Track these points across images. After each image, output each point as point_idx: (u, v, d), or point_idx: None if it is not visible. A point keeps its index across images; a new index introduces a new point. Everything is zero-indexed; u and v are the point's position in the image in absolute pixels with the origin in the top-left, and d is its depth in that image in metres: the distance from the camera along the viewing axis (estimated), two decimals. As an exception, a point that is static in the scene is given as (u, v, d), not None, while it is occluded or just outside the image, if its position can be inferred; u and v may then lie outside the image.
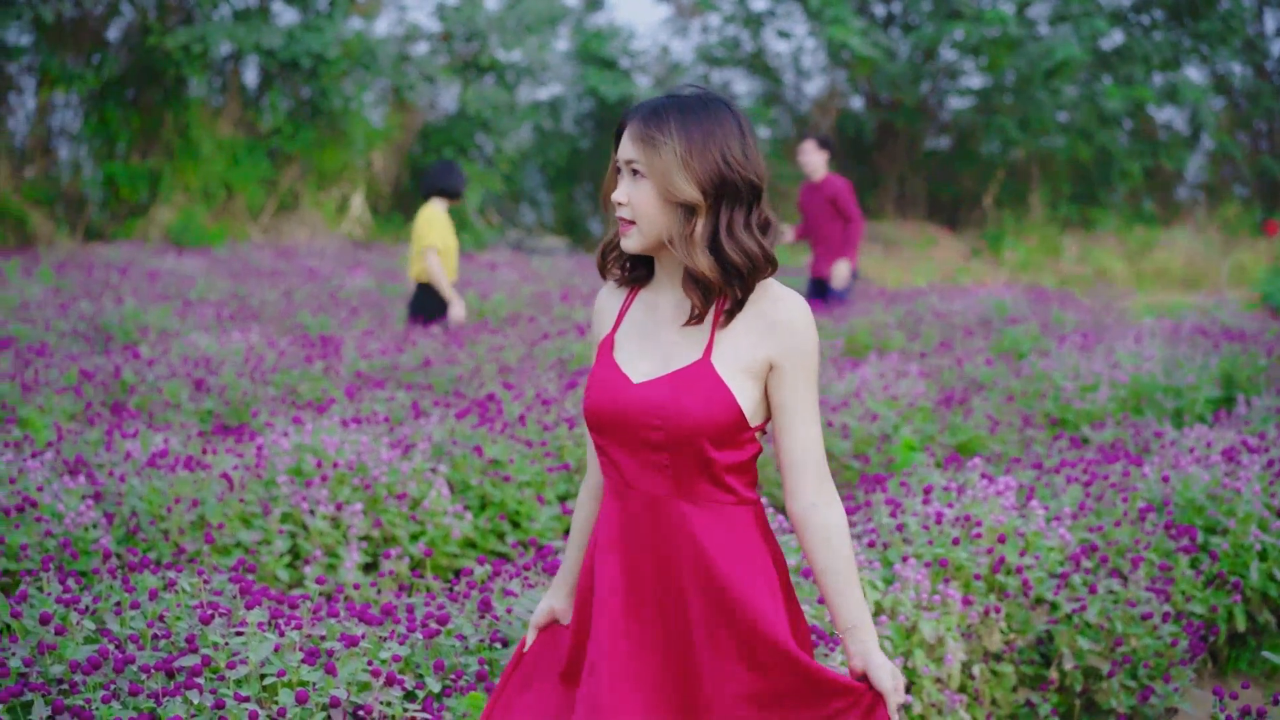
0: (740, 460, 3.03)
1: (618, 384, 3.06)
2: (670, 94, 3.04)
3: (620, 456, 3.07)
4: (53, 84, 23.71)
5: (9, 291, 13.40)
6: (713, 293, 2.98)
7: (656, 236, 3.01)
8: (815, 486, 3.04)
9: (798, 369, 3.00)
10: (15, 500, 5.50)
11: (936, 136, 29.10)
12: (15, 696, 3.54)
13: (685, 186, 2.94)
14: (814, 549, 3.04)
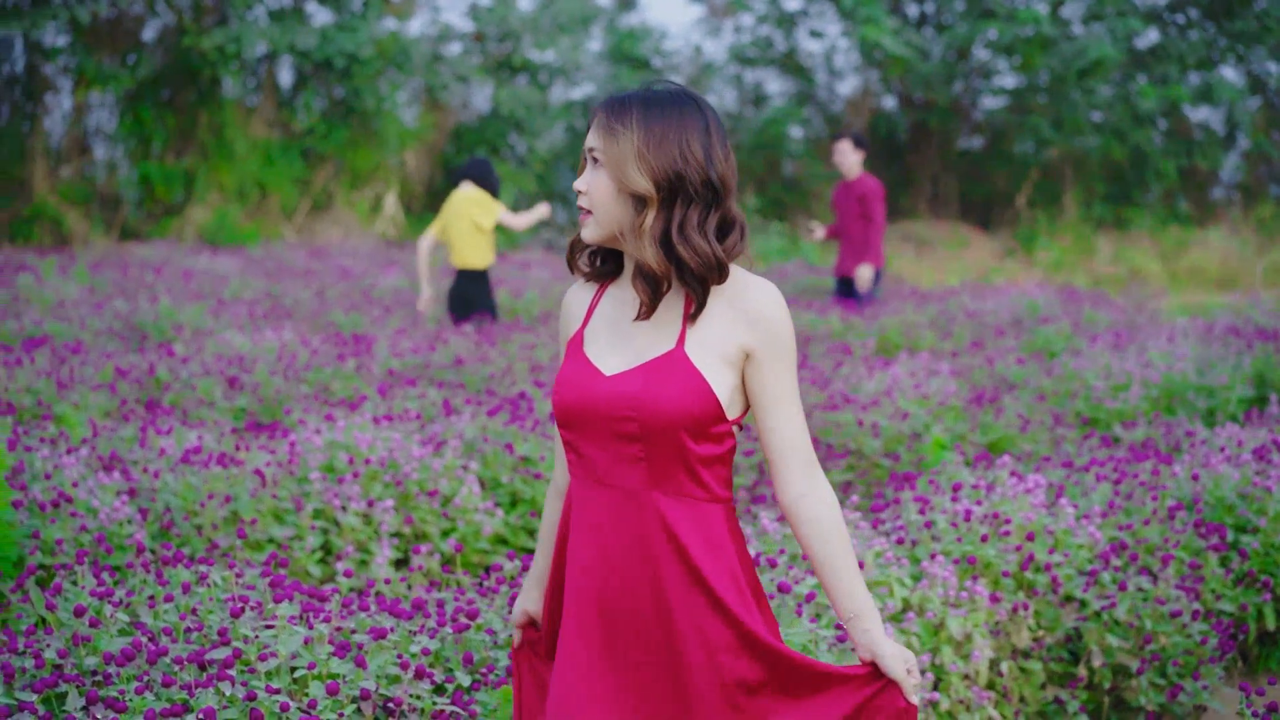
0: (716, 454, 2.99)
1: (589, 377, 3.02)
2: (645, 87, 3.03)
3: (592, 451, 3.03)
4: (89, 84, 23.86)
5: (45, 290, 13.50)
6: (661, 288, 2.95)
7: (611, 227, 2.98)
8: (802, 476, 3.00)
9: (774, 357, 2.97)
10: (51, 495, 5.56)
11: (969, 136, 29.03)
12: (50, 687, 3.58)
13: (638, 178, 2.91)
14: (807, 540, 3.01)
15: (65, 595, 4.25)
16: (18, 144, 23.68)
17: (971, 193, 28.34)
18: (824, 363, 9.79)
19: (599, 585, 3.03)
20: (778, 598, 4.27)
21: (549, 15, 26.78)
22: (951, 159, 28.28)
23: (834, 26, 27.64)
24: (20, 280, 14.02)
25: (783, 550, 4.77)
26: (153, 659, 3.68)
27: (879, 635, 2.99)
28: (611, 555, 3.02)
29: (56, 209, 23.10)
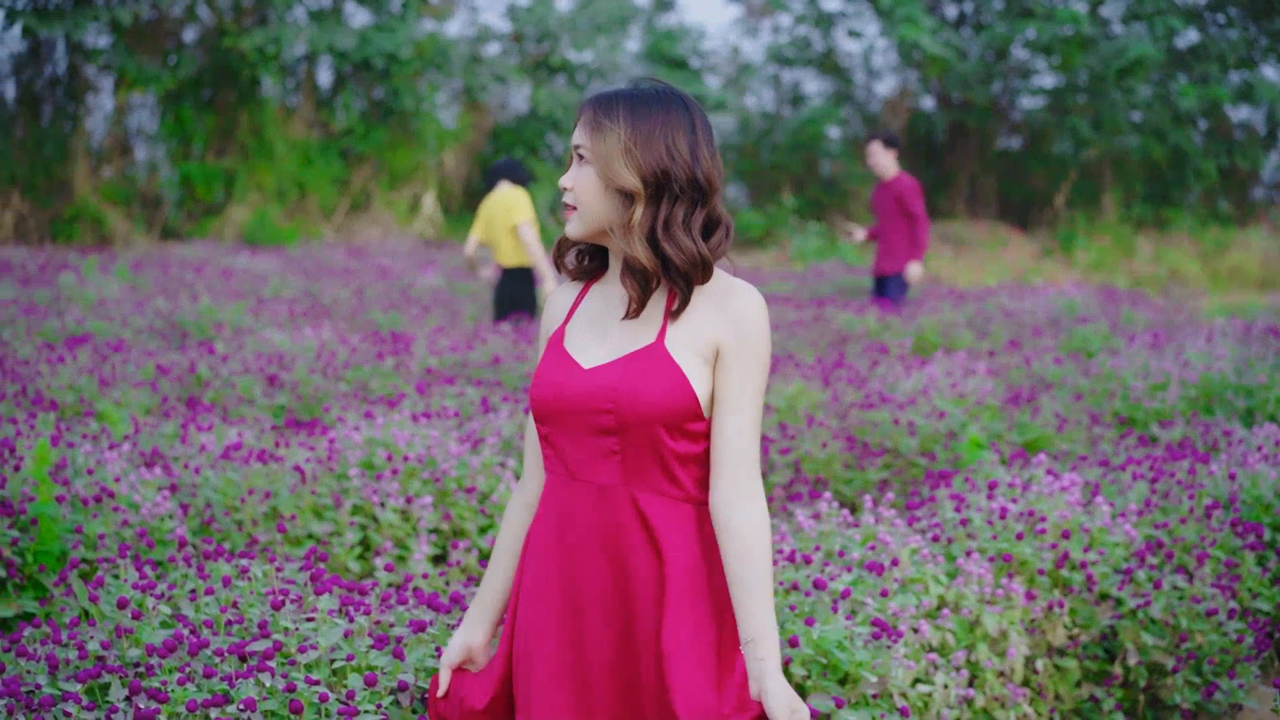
0: (692, 453, 2.98)
1: (567, 370, 3.03)
2: (632, 84, 3.03)
3: (567, 445, 3.03)
4: (130, 85, 24.02)
5: (87, 289, 13.61)
6: (650, 284, 2.96)
7: (597, 223, 3.00)
8: (733, 483, 2.95)
9: (740, 359, 2.95)
10: (93, 491, 5.61)
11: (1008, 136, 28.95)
12: (94, 678, 3.62)
13: (625, 174, 2.93)
14: (725, 549, 2.96)
15: (107, 588, 4.30)
16: (60, 144, 23.86)
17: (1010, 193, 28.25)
18: (861, 362, 9.80)
19: (564, 580, 3.04)
20: (814, 594, 4.29)
21: (587, 16, 26.83)
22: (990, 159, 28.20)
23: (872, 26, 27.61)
24: (62, 279, 14.13)
25: (817, 547, 4.78)
26: (194, 651, 3.73)
27: (771, 669, 2.89)
28: (578, 550, 3.03)
29: (98, 209, 23.27)
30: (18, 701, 3.44)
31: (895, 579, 4.64)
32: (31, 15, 21.90)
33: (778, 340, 11.20)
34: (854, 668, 4.09)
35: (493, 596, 3.30)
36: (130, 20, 22.10)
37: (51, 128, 24.08)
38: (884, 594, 4.44)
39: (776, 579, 4.37)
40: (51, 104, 24.52)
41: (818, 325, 11.95)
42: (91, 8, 22.04)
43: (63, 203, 23.37)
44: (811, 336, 11.45)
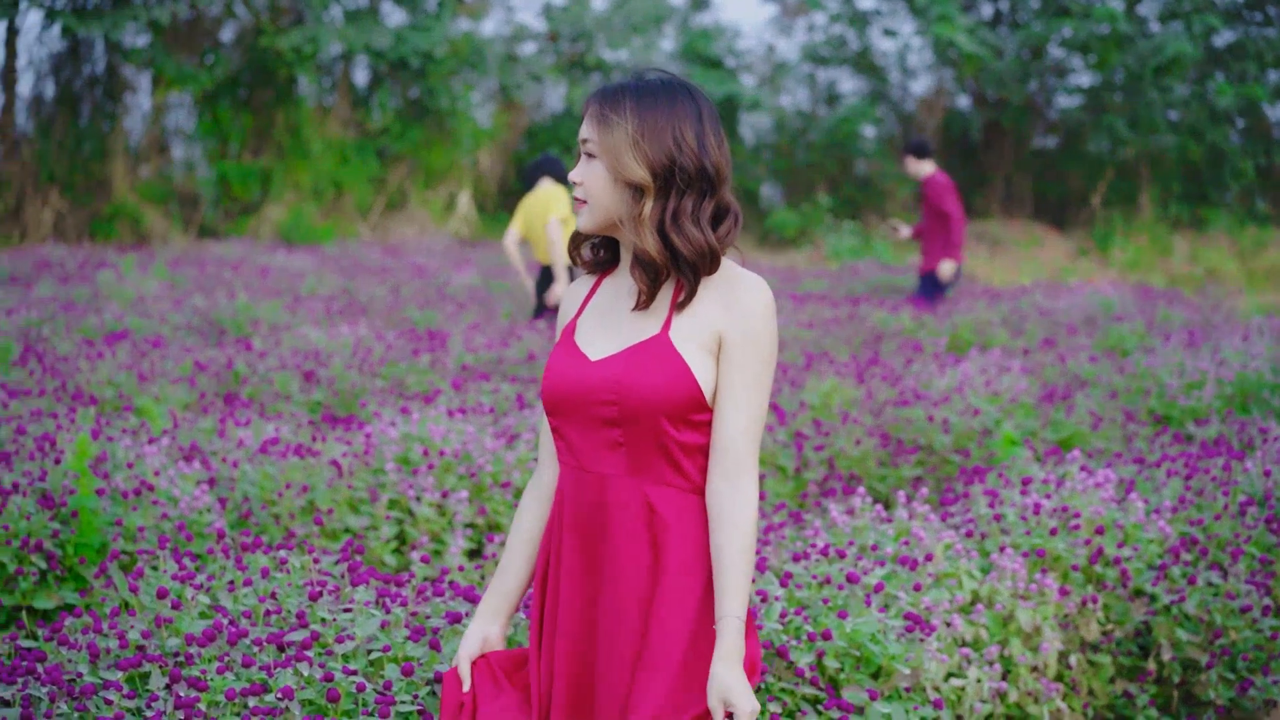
0: (698, 443, 2.99)
1: (575, 363, 3.04)
2: (636, 76, 3.03)
3: (576, 437, 3.05)
4: (168, 85, 24.15)
5: (126, 286, 13.70)
6: (660, 276, 2.96)
7: (606, 217, 3.01)
8: (726, 474, 2.96)
9: (742, 350, 2.95)
10: (133, 484, 5.67)
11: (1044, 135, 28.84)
12: (134, 667, 3.66)
13: (634, 166, 2.93)
14: (711, 535, 2.96)
15: (147, 579, 4.35)
16: (98, 143, 24.01)
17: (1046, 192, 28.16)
18: (895, 360, 9.80)
19: (576, 571, 3.06)
20: (847, 588, 4.30)
21: (622, 15, 26.85)
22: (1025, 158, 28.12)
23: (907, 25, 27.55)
24: (101, 277, 14.24)
25: (851, 542, 4.80)
26: (233, 640, 3.77)
27: (724, 653, 2.88)
28: (587, 540, 3.04)
29: (136, 207, 23.40)
30: (60, 689, 3.48)
31: (929, 574, 4.66)
32: (71, 15, 22.03)
33: (812, 338, 11.20)
34: (887, 661, 4.11)
35: (508, 588, 3.29)
36: (168, 20, 22.21)
37: (90, 127, 24.23)
38: (917, 588, 4.45)
39: (810, 572, 4.39)
40: (90, 103, 24.66)
41: (852, 323, 11.95)
42: (130, 7, 22.16)
43: (101, 201, 23.51)
44: (846, 334, 11.45)
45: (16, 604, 5.19)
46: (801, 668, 3.94)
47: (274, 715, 3.48)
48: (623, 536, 3.00)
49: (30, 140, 23.68)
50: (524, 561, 3.27)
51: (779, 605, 4.12)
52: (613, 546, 3.01)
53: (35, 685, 3.51)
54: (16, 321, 10.97)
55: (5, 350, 9.51)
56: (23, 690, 3.49)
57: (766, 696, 3.95)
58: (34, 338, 10.32)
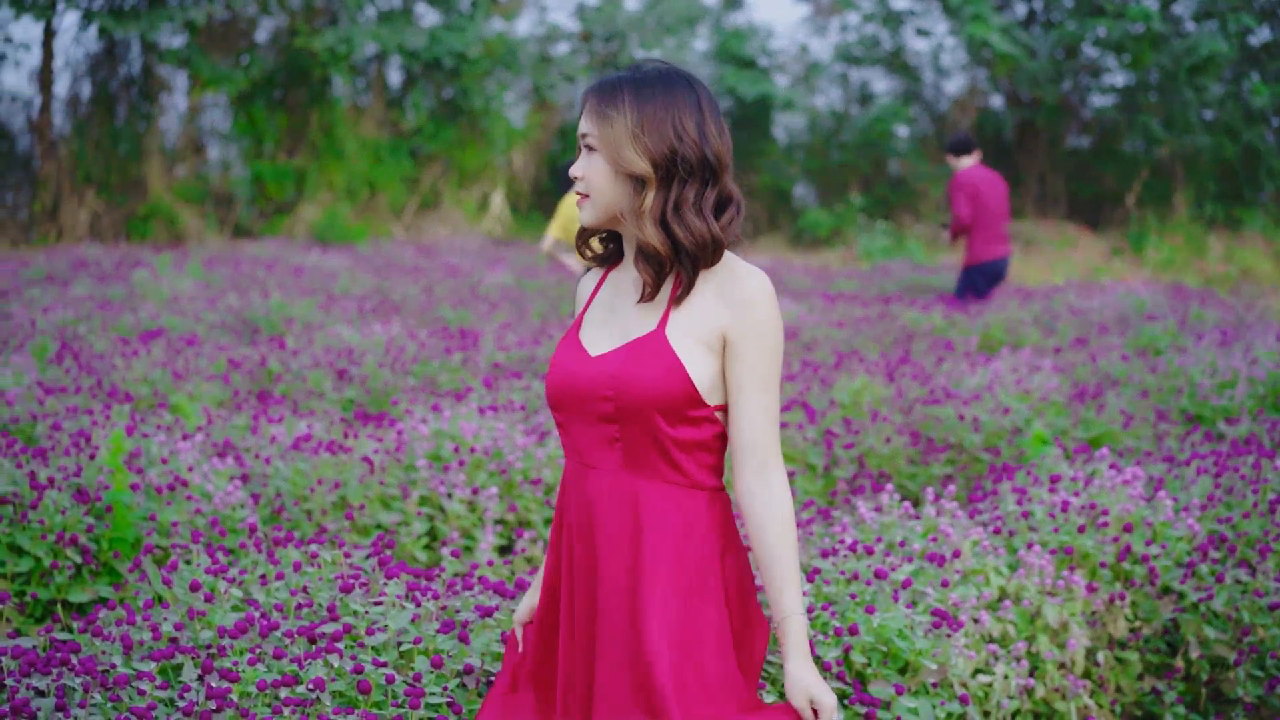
0: (696, 439, 2.97)
1: (576, 359, 3.04)
2: (633, 68, 3.02)
3: (577, 433, 3.05)
4: (203, 85, 24.27)
5: (161, 285, 13.79)
6: (664, 269, 2.96)
7: (609, 210, 3.00)
8: (756, 471, 2.96)
9: (751, 344, 2.93)
10: (167, 480, 5.72)
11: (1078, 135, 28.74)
12: (167, 658, 3.71)
13: (635, 159, 2.92)
14: (750, 537, 2.99)
15: (180, 573, 4.40)
16: (134, 144, 24.14)
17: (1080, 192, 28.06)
18: (926, 358, 9.81)
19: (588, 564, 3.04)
20: (874, 584, 4.32)
21: (655, 15, 26.87)
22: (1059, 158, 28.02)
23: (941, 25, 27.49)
24: (136, 276, 14.33)
25: (879, 538, 4.82)
26: (265, 632, 3.81)
27: (792, 652, 2.93)
28: (592, 538, 3.03)
29: (172, 207, 23.53)
30: (94, 680, 3.53)
31: (956, 570, 4.67)
32: (107, 16, 22.16)
33: (843, 337, 11.21)
34: (914, 656, 4.12)
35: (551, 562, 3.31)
36: (204, 20, 22.33)
37: (126, 127, 24.37)
38: (945, 584, 4.46)
39: (838, 569, 4.41)
40: (126, 104, 24.80)
41: (883, 322, 11.95)
42: (166, 8, 22.29)
43: (137, 201, 23.65)
44: (877, 333, 11.46)
45: (52, 598, 5.25)
46: (828, 662, 3.96)
47: (305, 706, 3.52)
48: (616, 531, 2.99)
49: (67, 140, 23.84)
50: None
51: (806, 600, 4.14)
52: (607, 541, 3.00)
53: (69, 676, 3.56)
54: (53, 320, 11.06)
55: (42, 348, 9.60)
56: (57, 681, 3.54)
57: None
58: (70, 336, 10.41)
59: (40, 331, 10.46)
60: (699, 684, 2.93)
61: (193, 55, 23.35)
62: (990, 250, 12.78)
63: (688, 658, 2.94)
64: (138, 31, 22.10)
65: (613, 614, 2.97)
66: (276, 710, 3.49)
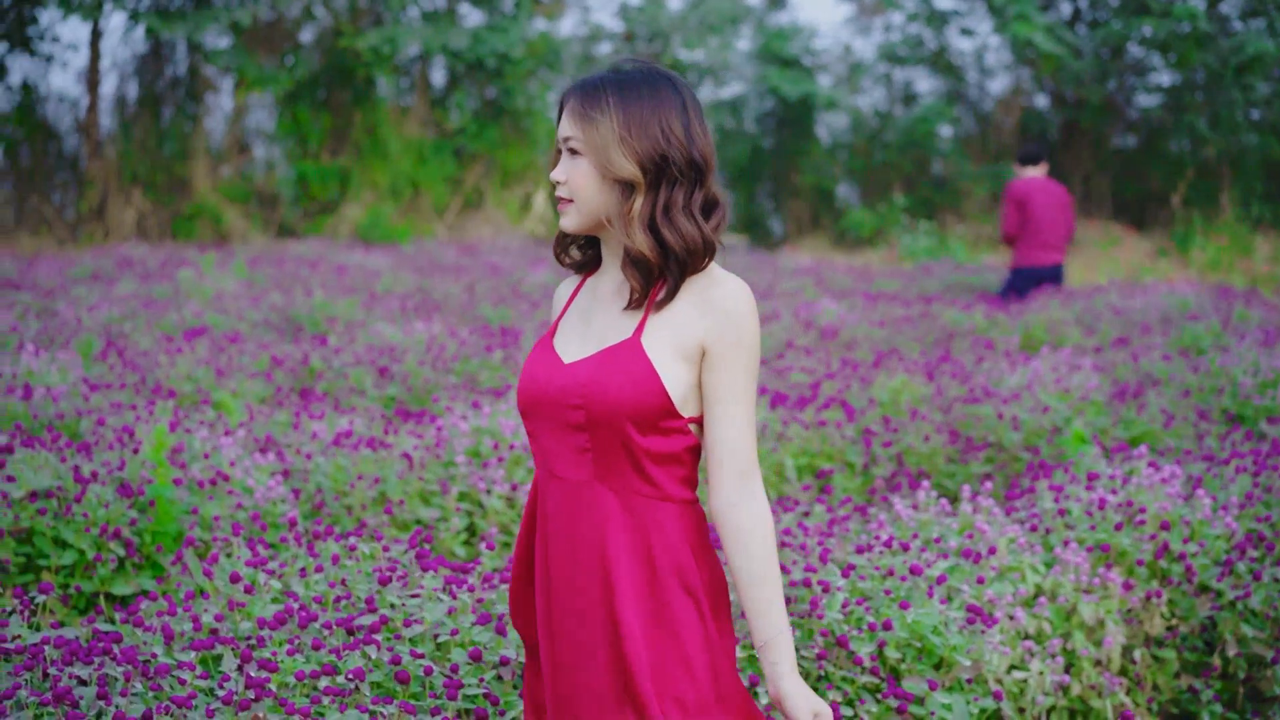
0: (668, 451, 2.88)
1: (548, 366, 2.96)
2: (613, 69, 2.94)
3: (547, 441, 2.96)
4: (248, 85, 24.42)
5: (205, 284, 13.89)
6: (653, 274, 2.88)
7: (594, 215, 2.92)
8: (735, 484, 2.86)
9: (729, 356, 2.85)
10: (209, 474, 5.78)
11: (1123, 135, 28.60)
12: (207, 649, 3.76)
13: (623, 163, 2.84)
14: (730, 552, 2.88)
15: (221, 565, 4.45)
16: (180, 144, 24.32)
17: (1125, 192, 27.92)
18: (966, 358, 9.80)
19: (545, 579, 2.97)
20: (909, 579, 4.34)
21: (698, 15, 26.89)
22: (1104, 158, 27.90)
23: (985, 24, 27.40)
24: (181, 274, 14.43)
25: (915, 535, 4.83)
26: (303, 624, 3.86)
27: (785, 671, 2.84)
28: (557, 550, 2.94)
29: (216, 206, 23.68)
30: (135, 669, 3.58)
31: (992, 567, 4.68)
32: (154, 16, 22.33)
33: (883, 336, 11.21)
34: (948, 652, 4.14)
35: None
36: (249, 21, 22.47)
37: (172, 127, 24.55)
38: (980, 581, 4.47)
39: (873, 564, 4.43)
40: (172, 104, 24.98)
41: (924, 322, 11.94)
42: (212, 9, 22.44)
43: (182, 201, 23.81)
44: (918, 333, 11.45)
45: (95, 590, 5.31)
46: (861, 656, 3.98)
47: (343, 696, 3.56)
48: (586, 543, 2.90)
49: (114, 140, 24.04)
50: None
51: (841, 595, 4.16)
52: (577, 554, 2.91)
53: (111, 665, 3.61)
54: (99, 318, 11.15)
55: (88, 345, 9.69)
56: (99, 670, 3.59)
57: (826, 685, 3.99)
58: (115, 333, 10.51)
59: (86, 329, 10.56)
60: (687, 697, 2.86)
61: (238, 56, 23.50)
62: (1036, 256, 13.17)
63: (670, 670, 2.87)
64: (184, 32, 22.26)
65: (589, 627, 2.90)
66: (315, 700, 3.53)
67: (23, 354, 8.18)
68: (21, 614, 3.98)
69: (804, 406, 7.49)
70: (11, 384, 7.65)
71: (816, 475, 7.02)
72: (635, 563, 2.88)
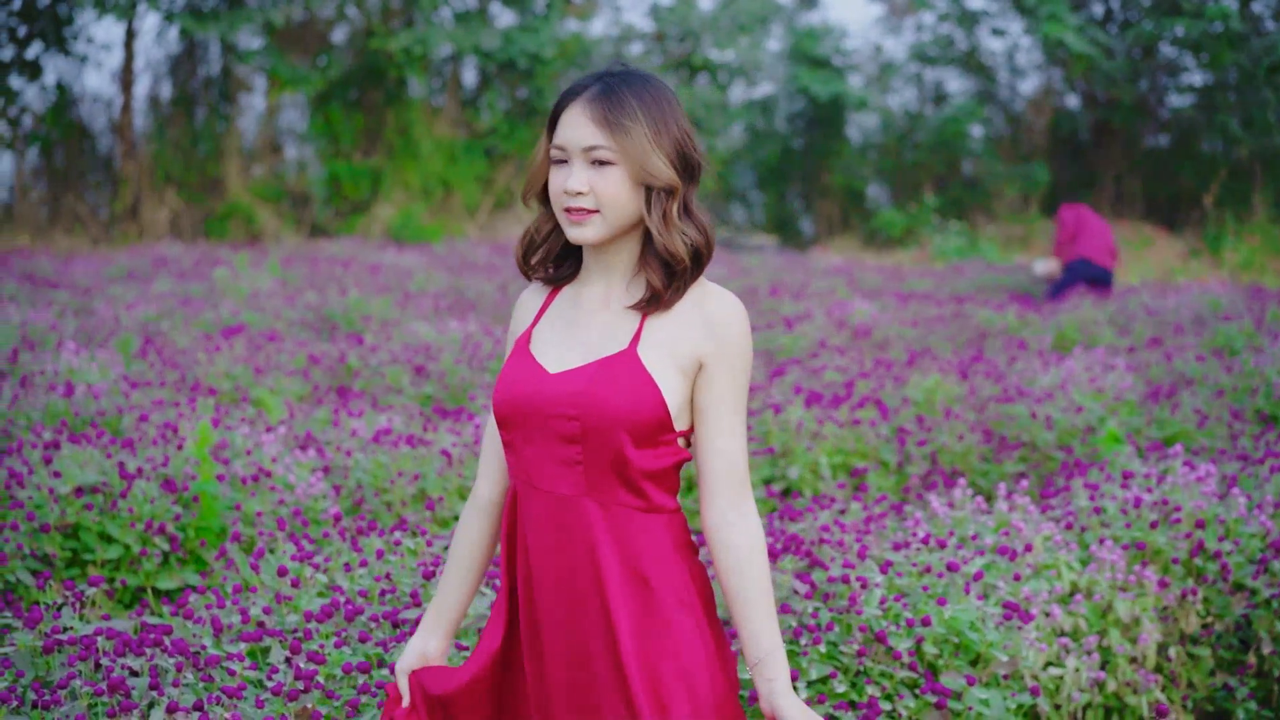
0: (658, 465, 2.83)
1: (532, 375, 2.88)
2: (607, 73, 2.88)
3: (529, 453, 2.87)
4: (281, 86, 24.53)
5: (240, 282, 13.99)
6: (676, 275, 2.84)
7: (620, 225, 2.85)
8: (728, 501, 2.83)
9: (723, 370, 2.83)
10: (251, 470, 5.85)
11: (1155, 135, 28.53)
12: (255, 641, 3.82)
13: (662, 167, 2.80)
14: (722, 570, 2.84)
15: (267, 560, 4.52)
16: (213, 144, 24.45)
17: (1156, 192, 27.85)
18: (999, 357, 9.82)
19: (529, 596, 2.90)
20: (946, 576, 4.38)
21: (729, 15, 26.90)
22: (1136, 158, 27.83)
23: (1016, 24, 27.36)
24: (216, 273, 14.53)
25: (951, 532, 4.87)
26: (350, 617, 3.91)
27: (781, 689, 2.80)
28: (541, 565, 2.87)
29: (249, 206, 23.80)
30: (187, 660, 3.64)
31: (1028, 564, 4.71)
32: (188, 17, 22.46)
33: (916, 336, 11.23)
34: (985, 648, 4.17)
35: (449, 604, 3.13)
36: (282, 22, 22.58)
37: (205, 127, 24.68)
38: (1016, 578, 4.51)
39: (910, 560, 4.46)
40: (206, 104, 25.12)
41: (957, 321, 11.96)
42: (245, 10, 22.56)
43: (215, 200, 23.94)
44: (950, 333, 11.47)
45: (140, 584, 5.39)
46: (900, 652, 4.02)
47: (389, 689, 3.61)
48: (579, 558, 2.83)
49: (147, 140, 24.19)
50: (466, 578, 3.12)
51: (879, 592, 4.20)
52: (563, 569, 2.85)
53: (162, 656, 3.67)
54: (136, 316, 11.25)
55: (126, 343, 9.78)
56: (151, 661, 3.65)
57: (865, 680, 4.03)
58: (153, 332, 10.61)
59: (124, 328, 10.66)
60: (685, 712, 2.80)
61: (271, 56, 23.61)
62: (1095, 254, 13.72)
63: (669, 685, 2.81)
64: (217, 32, 22.38)
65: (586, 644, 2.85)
66: (363, 690, 3.59)
67: (63, 352, 8.28)
68: (73, 606, 4.05)
69: (838, 405, 7.52)
70: (53, 381, 7.74)
71: (851, 473, 7.06)
72: (628, 579, 2.82)
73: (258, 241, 22.72)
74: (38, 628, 3.82)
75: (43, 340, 9.82)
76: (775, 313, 12.70)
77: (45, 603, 4.11)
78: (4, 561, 5.14)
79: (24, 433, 6.76)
